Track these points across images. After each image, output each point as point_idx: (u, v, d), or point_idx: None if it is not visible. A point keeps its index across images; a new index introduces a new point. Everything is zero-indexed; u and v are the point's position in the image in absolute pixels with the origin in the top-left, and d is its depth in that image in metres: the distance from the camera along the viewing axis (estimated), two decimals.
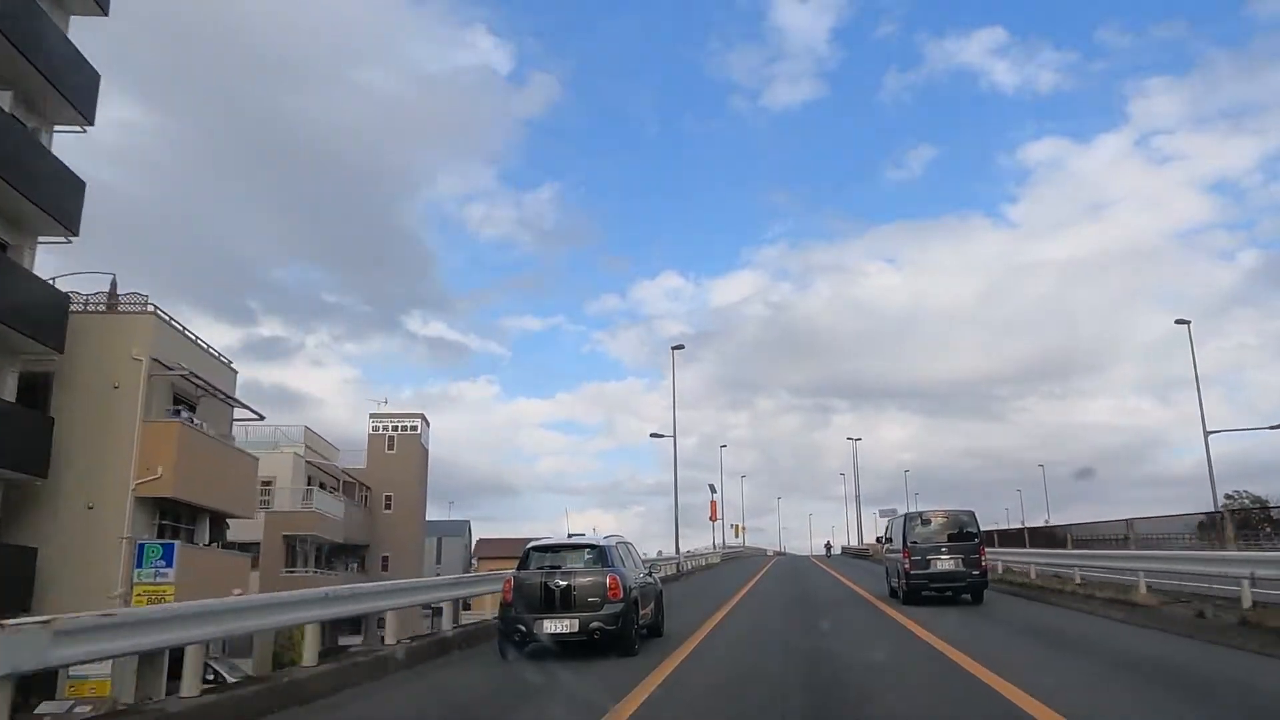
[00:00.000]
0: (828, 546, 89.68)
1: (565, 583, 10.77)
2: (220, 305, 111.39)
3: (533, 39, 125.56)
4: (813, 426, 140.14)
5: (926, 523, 18.47)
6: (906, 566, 18.00)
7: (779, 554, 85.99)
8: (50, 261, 23.84)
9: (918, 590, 17.88)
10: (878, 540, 26.09)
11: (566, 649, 10.73)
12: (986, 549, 18.97)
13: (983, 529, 19.38)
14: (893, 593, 19.58)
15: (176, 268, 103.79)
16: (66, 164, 20.99)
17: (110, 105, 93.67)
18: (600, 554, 11.35)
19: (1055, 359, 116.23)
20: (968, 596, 18.00)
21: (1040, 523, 51.76)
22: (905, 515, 19.91)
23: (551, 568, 11.14)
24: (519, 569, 11.39)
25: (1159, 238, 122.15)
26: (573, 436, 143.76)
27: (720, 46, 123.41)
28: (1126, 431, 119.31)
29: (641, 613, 11.58)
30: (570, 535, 12.99)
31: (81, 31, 21.46)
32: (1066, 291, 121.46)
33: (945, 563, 17.62)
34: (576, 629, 10.56)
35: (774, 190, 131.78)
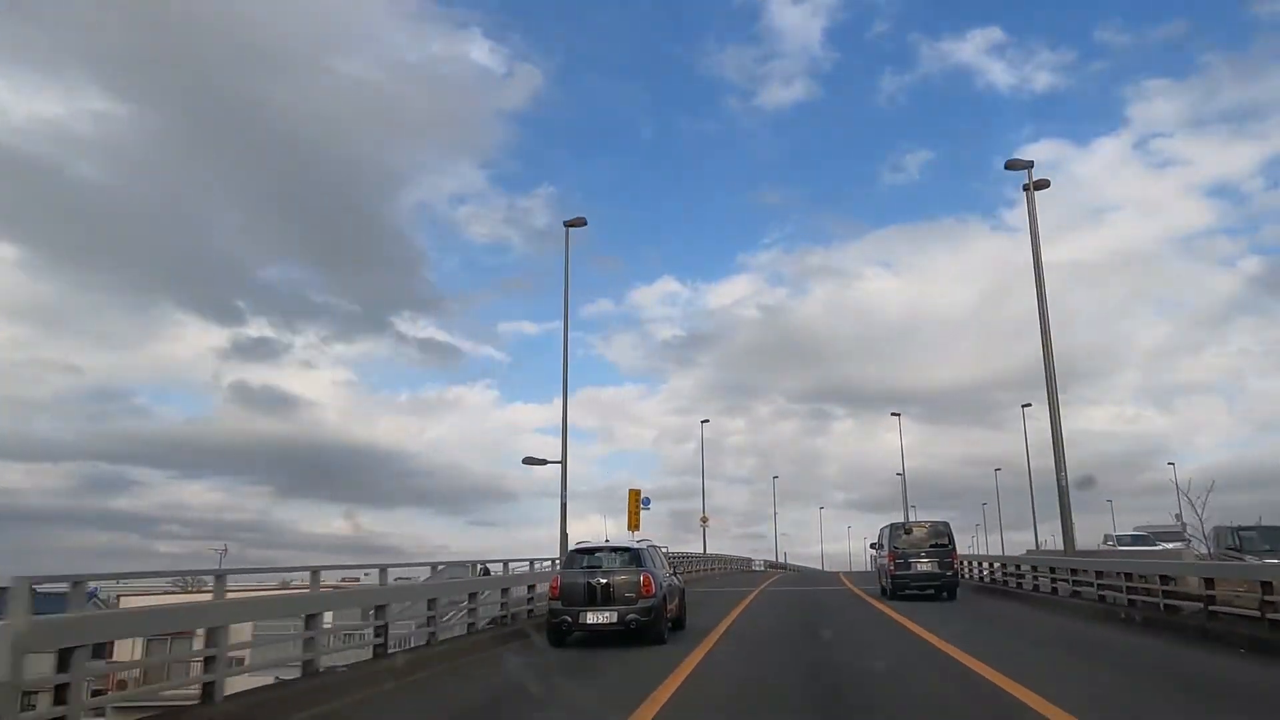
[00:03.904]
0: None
1: (605, 580, 12.75)
2: (207, 305, 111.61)
3: (521, 36, 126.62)
4: (811, 432, 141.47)
5: (909, 532, 21.65)
6: (891, 569, 21.02)
7: (776, 567, 62.31)
8: None
9: (901, 588, 20.81)
10: (871, 547, 28.56)
11: (605, 638, 12.68)
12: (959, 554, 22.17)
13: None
14: (882, 591, 22.30)
15: (160, 266, 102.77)
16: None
17: (82, 95, 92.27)
18: (634, 556, 13.42)
19: (1058, 365, 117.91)
20: (945, 594, 20.75)
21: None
22: (890, 525, 22.77)
23: (592, 567, 13.16)
24: (564, 568, 13.54)
25: (1159, 243, 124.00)
26: (571, 442, 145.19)
27: (714, 46, 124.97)
28: (1127, 439, 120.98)
29: (669, 607, 13.63)
30: (582, 541, 14.89)
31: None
32: (1067, 297, 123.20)
33: (924, 565, 20.69)
34: (615, 620, 12.52)
35: (770, 193, 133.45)
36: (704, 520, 48.61)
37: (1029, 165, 22.07)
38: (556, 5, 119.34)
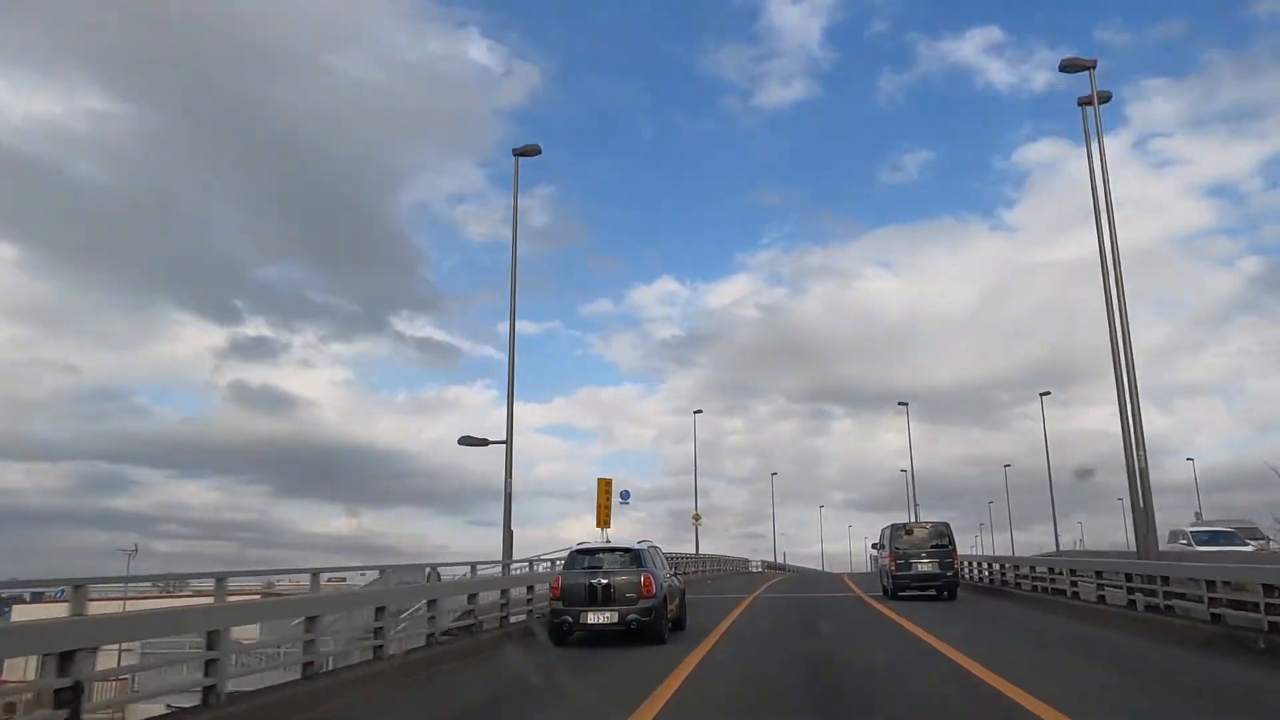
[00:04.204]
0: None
1: (606, 580, 12.80)
2: (205, 305, 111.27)
3: (520, 35, 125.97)
4: (810, 432, 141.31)
5: (910, 532, 21.89)
6: (891, 569, 21.27)
7: (775, 568, 58.28)
8: None
9: (902, 587, 21.06)
10: (873, 548, 28.57)
11: (606, 637, 12.70)
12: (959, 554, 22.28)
13: None
14: (884, 590, 22.53)
15: (159, 265, 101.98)
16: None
17: (81, 95, 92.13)
18: (635, 556, 13.47)
19: (1056, 365, 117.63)
20: (945, 594, 20.98)
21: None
22: (891, 526, 22.94)
23: (593, 568, 13.20)
24: (565, 569, 13.50)
25: (1159, 243, 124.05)
26: (570, 441, 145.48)
27: (713, 45, 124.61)
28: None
29: (669, 608, 13.64)
30: (582, 542, 14.96)
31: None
32: (1066, 297, 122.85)
33: (924, 565, 20.91)
34: (616, 620, 12.58)
35: (769, 193, 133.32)
36: (696, 518, 45.15)
37: (1090, 66, 17.73)
38: (555, 4, 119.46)
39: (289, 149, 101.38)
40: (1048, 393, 46.95)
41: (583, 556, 13.65)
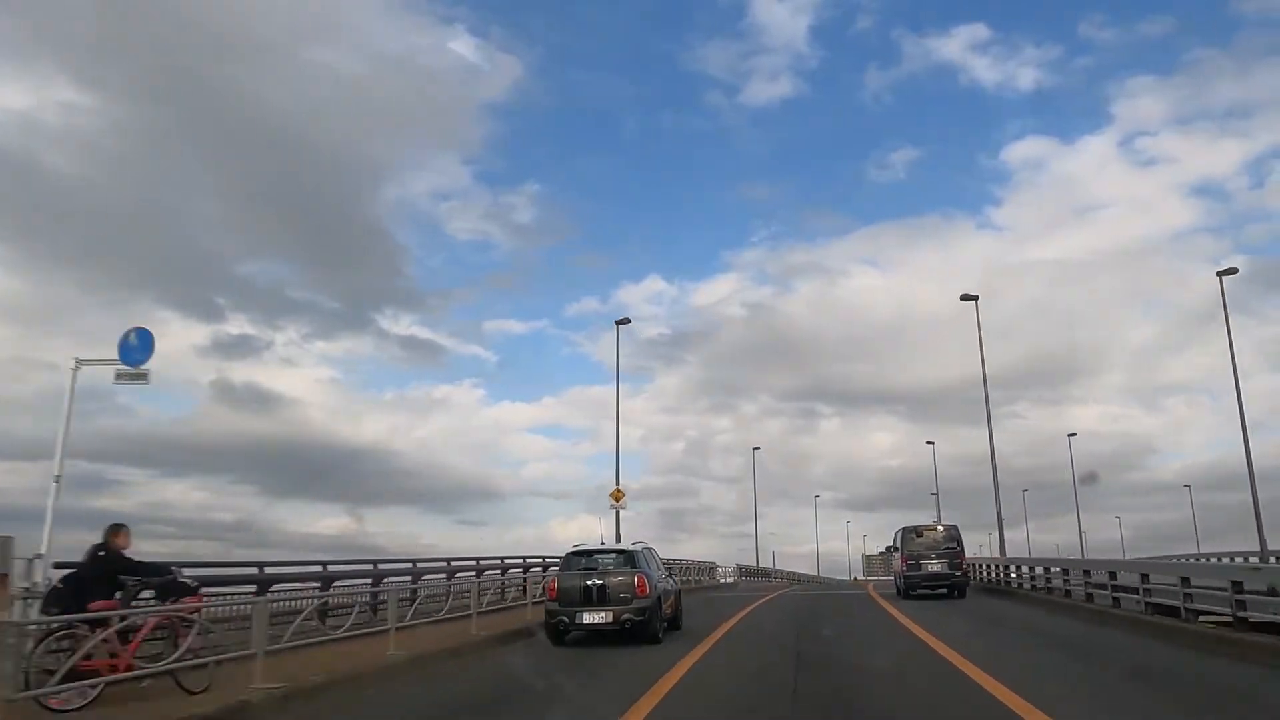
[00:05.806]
0: None
1: (601, 581, 13.03)
2: (187, 301, 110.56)
3: (506, 31, 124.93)
4: (798, 431, 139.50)
5: (920, 535, 22.48)
6: (903, 570, 21.92)
7: (756, 575, 47.88)
8: None
9: (913, 587, 21.68)
10: (887, 549, 28.82)
11: (605, 636, 12.91)
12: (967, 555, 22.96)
13: None
14: (897, 590, 23.18)
15: (139, 261, 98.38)
16: None
17: (54, 86, 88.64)
18: (629, 557, 13.69)
19: (1044, 364, 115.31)
20: (956, 593, 21.51)
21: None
22: (903, 528, 23.31)
23: (588, 569, 13.42)
24: (562, 569, 13.78)
25: (1144, 242, 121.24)
26: (559, 441, 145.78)
27: (699, 41, 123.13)
28: (1116, 438, 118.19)
29: (664, 608, 13.81)
30: (578, 544, 15.03)
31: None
32: (1053, 296, 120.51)
33: (934, 566, 21.57)
34: (610, 620, 12.80)
35: (756, 191, 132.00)
36: (617, 497, 30.64)
37: (1231, 271, 16.97)
38: (541, 1, 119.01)
39: (270, 142, 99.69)
40: (1232, 270, 29.32)
41: (578, 558, 13.89)
